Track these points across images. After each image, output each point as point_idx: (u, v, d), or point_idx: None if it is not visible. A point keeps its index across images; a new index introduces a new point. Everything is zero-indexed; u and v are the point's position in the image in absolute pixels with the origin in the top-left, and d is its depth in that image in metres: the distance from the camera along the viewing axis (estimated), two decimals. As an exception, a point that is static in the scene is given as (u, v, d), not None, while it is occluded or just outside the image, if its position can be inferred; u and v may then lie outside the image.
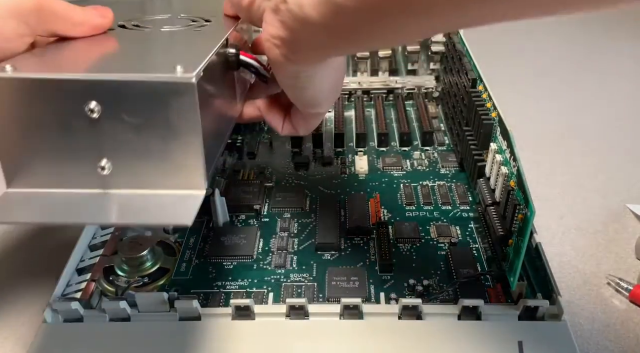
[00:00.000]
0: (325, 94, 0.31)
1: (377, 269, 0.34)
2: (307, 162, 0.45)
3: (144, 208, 0.24)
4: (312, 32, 0.23)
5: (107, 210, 0.24)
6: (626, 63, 0.73)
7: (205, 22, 0.33)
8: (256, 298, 0.32)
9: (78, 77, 0.23)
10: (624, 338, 0.34)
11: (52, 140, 0.24)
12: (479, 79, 0.40)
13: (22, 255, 0.41)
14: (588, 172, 0.50)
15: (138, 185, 0.24)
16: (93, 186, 0.24)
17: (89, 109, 0.23)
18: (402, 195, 0.41)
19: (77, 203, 0.24)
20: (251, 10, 0.27)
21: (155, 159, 0.24)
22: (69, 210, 0.24)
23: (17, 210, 0.23)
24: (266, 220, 0.39)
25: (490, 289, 0.32)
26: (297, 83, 0.29)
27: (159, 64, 0.25)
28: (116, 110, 0.23)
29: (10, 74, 0.23)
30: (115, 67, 0.24)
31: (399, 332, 0.28)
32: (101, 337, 0.28)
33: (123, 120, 0.23)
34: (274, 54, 0.26)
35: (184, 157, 0.24)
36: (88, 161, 0.24)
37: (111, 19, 0.30)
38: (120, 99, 0.23)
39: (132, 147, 0.24)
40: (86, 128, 0.23)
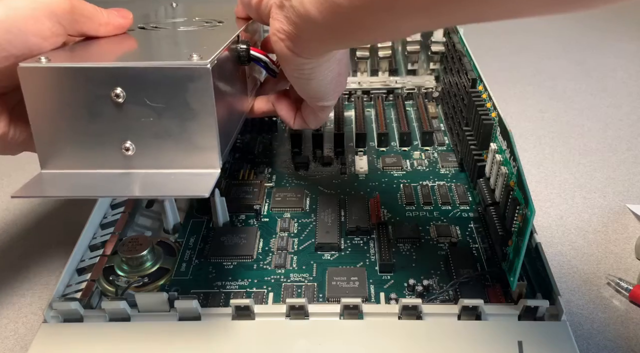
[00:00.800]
0: (329, 86, 0.33)
1: (377, 269, 0.34)
2: (307, 162, 0.45)
3: (164, 183, 0.26)
4: (313, 27, 0.25)
5: (131, 186, 0.26)
6: (626, 63, 0.73)
7: (218, 24, 0.37)
8: (256, 298, 0.32)
9: (105, 65, 0.25)
10: (624, 338, 0.34)
11: (81, 124, 0.26)
12: (478, 79, 0.40)
13: (22, 255, 0.41)
14: (588, 172, 0.50)
15: (159, 165, 0.27)
16: (118, 167, 0.27)
17: (114, 95, 0.25)
18: (402, 195, 0.41)
19: (104, 180, 0.26)
20: (259, 8, 0.30)
21: (175, 140, 0.26)
22: (95, 186, 0.26)
23: (50, 187, 0.26)
24: (266, 220, 0.39)
25: (490, 289, 0.32)
26: (302, 75, 0.31)
27: (177, 53, 0.27)
28: (139, 95, 0.25)
29: (45, 63, 0.25)
30: (137, 57, 0.26)
31: (399, 332, 0.28)
32: (101, 337, 0.28)
33: (145, 104, 0.25)
34: (280, 46, 0.28)
35: (201, 138, 0.26)
36: (114, 143, 0.26)
37: (131, 19, 0.33)
38: (143, 85, 0.25)
39: (154, 129, 0.26)
40: (112, 112, 0.26)
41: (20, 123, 0.30)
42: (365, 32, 0.25)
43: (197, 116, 0.26)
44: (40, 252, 0.41)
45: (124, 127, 0.26)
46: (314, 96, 0.34)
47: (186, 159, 0.27)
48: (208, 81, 0.25)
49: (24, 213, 0.46)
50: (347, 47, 0.35)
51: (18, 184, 0.34)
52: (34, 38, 0.27)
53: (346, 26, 0.24)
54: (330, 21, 0.24)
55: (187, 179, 0.26)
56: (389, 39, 0.46)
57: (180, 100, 0.25)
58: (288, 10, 0.26)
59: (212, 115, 0.26)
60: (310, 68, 0.30)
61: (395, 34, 0.26)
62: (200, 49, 0.27)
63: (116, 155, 0.26)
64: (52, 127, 0.26)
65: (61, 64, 0.25)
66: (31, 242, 0.42)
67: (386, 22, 0.23)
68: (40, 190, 0.26)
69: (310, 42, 0.27)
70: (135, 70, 0.25)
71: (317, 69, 0.30)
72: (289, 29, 0.27)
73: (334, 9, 0.23)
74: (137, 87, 0.25)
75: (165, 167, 0.27)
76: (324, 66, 0.30)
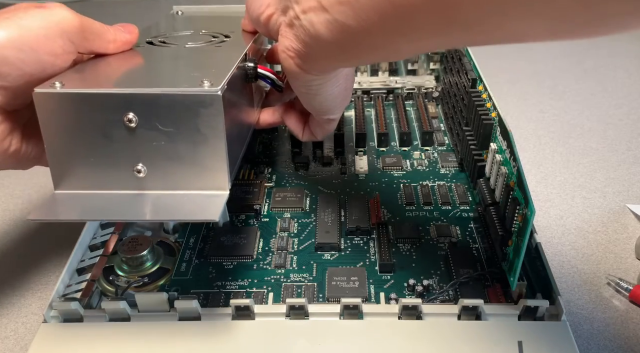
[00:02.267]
0: (335, 101, 0.34)
1: (377, 269, 0.34)
2: (307, 162, 0.45)
3: (175, 206, 0.26)
4: (322, 46, 0.26)
5: (142, 209, 0.27)
6: (626, 63, 0.73)
7: (225, 38, 0.37)
8: (256, 298, 0.32)
9: (118, 91, 0.26)
10: (624, 338, 0.34)
11: (94, 147, 0.27)
12: (478, 79, 0.40)
13: (22, 255, 0.41)
14: (588, 172, 0.50)
15: (170, 186, 0.27)
16: (130, 188, 0.27)
17: (127, 119, 0.26)
18: (402, 195, 0.41)
19: (116, 202, 0.27)
20: (268, 25, 0.30)
21: (185, 162, 0.27)
22: (108, 209, 0.27)
23: (64, 209, 0.26)
24: (266, 220, 0.39)
25: (490, 289, 0.32)
26: (310, 90, 0.31)
27: (188, 78, 0.27)
28: (151, 120, 0.26)
29: (59, 89, 0.26)
30: (149, 82, 0.27)
31: (399, 332, 0.28)
32: (101, 337, 0.28)
33: (157, 128, 0.26)
34: (289, 63, 0.29)
35: (210, 161, 0.27)
36: (126, 165, 0.27)
37: (137, 34, 0.33)
38: (155, 110, 0.26)
39: (165, 153, 0.27)
40: (124, 136, 0.26)
41: (32, 139, 0.30)
42: (374, 52, 0.26)
43: (207, 140, 0.27)
44: (40, 252, 0.41)
45: (136, 150, 0.27)
46: (321, 110, 0.35)
47: (196, 181, 0.27)
48: (219, 107, 0.26)
49: (24, 214, 0.46)
50: (356, 66, 0.35)
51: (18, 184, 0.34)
52: (46, 56, 0.27)
53: (355, 46, 0.25)
54: (340, 41, 0.24)
55: (197, 201, 0.27)
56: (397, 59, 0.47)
57: (190, 125, 0.26)
58: (298, 29, 0.26)
59: (221, 139, 0.27)
60: (318, 84, 0.31)
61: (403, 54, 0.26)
62: (210, 73, 0.27)
63: (128, 177, 0.27)
64: (66, 150, 0.27)
65: (75, 90, 0.26)
66: (31, 242, 0.42)
67: (395, 43, 0.23)
68: (55, 213, 0.26)
69: (319, 60, 0.28)
70: (147, 96, 0.26)
71: (324, 85, 0.31)
72: (298, 47, 0.27)
73: (343, 30, 0.23)
74: (149, 112, 0.26)
75: (176, 188, 0.28)
76: (332, 82, 0.31)
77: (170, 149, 0.27)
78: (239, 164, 0.32)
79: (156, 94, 0.26)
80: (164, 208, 0.27)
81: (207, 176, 0.27)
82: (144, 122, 0.26)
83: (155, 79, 0.28)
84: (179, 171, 0.27)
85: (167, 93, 0.26)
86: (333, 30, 0.24)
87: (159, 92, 0.26)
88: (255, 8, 0.31)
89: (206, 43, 0.36)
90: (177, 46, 0.35)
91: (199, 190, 0.27)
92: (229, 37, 0.37)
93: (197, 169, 0.27)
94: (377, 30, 0.23)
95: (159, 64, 0.32)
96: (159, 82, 0.27)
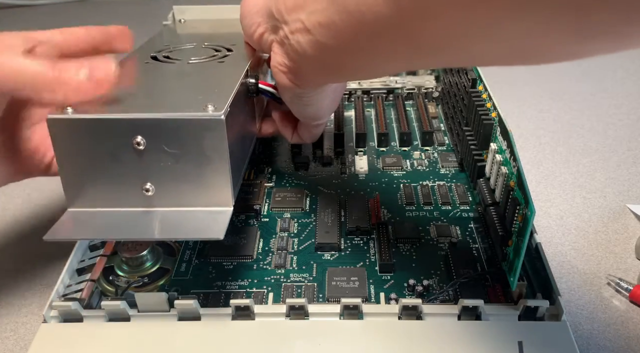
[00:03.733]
0: (325, 110, 0.37)
1: (377, 269, 0.34)
2: (307, 162, 0.45)
3: (181, 224, 0.28)
4: (309, 63, 0.28)
5: (151, 227, 0.28)
6: (626, 63, 0.73)
7: (227, 52, 0.38)
8: (256, 298, 0.32)
9: (127, 117, 0.27)
10: (624, 338, 0.34)
11: (105, 168, 0.28)
12: (479, 79, 0.40)
13: (22, 255, 0.41)
14: (588, 172, 0.50)
15: (177, 204, 0.29)
16: (139, 205, 0.29)
17: (136, 142, 0.27)
18: (402, 195, 0.41)
19: (126, 220, 0.28)
20: (261, 42, 0.32)
21: (191, 181, 0.28)
22: (119, 227, 0.28)
23: (76, 228, 0.28)
24: (266, 220, 0.39)
25: (490, 289, 0.32)
26: (301, 102, 0.33)
27: (193, 101, 0.28)
28: (158, 142, 0.27)
29: (71, 115, 0.27)
30: (156, 106, 0.28)
31: (399, 332, 0.28)
32: (101, 337, 0.28)
33: (164, 150, 0.27)
34: (281, 78, 0.31)
35: (215, 180, 0.28)
36: (135, 185, 0.28)
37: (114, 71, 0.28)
38: (162, 134, 0.27)
39: (171, 172, 0.28)
40: (133, 157, 0.28)
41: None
42: (357, 70, 0.28)
43: (211, 160, 0.28)
44: (40, 252, 0.41)
45: (145, 170, 0.28)
46: (310, 118, 0.37)
47: (201, 198, 0.29)
48: (222, 130, 0.27)
49: (24, 213, 0.46)
50: (344, 81, 0.38)
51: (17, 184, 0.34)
52: None
53: (338, 65, 0.27)
54: (324, 60, 0.27)
55: (202, 218, 0.28)
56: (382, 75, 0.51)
57: (195, 147, 0.28)
58: (287, 47, 0.28)
59: (225, 159, 0.28)
60: (308, 97, 0.33)
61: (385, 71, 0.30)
62: (213, 95, 0.29)
63: (137, 195, 0.28)
64: (78, 170, 0.28)
65: (85, 115, 0.27)
66: (31, 242, 0.42)
67: (373, 63, 0.25)
68: (70, 232, 0.28)
69: (308, 76, 0.30)
70: (154, 121, 0.27)
71: (315, 97, 0.33)
72: (289, 64, 0.29)
73: (325, 50, 0.25)
74: (156, 136, 0.27)
75: (182, 205, 0.29)
76: (322, 95, 0.33)
77: (176, 169, 0.28)
78: (243, 174, 0.34)
79: (163, 118, 0.27)
80: (172, 227, 0.28)
81: (212, 193, 0.29)
82: (152, 144, 0.27)
83: (162, 102, 0.29)
84: (185, 189, 0.29)
85: (173, 118, 0.27)
86: (317, 50, 0.26)
87: (165, 117, 0.27)
88: (247, 27, 0.33)
89: (209, 58, 0.37)
90: (181, 62, 0.36)
91: (205, 206, 0.29)
92: (231, 51, 0.39)
93: (203, 187, 0.28)
94: (354, 50, 0.25)
95: (165, 84, 0.33)
96: (165, 105, 0.28)
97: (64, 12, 0.98)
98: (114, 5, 1.01)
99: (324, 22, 0.24)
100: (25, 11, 0.99)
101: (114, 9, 0.99)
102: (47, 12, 0.98)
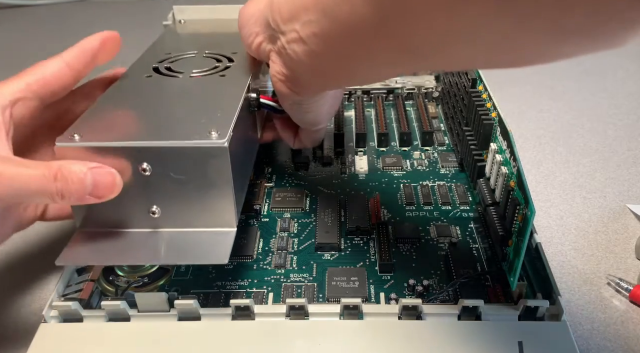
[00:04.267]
0: (324, 115, 0.37)
1: (377, 269, 0.34)
2: (307, 162, 0.45)
3: (187, 247, 0.29)
4: (306, 72, 0.29)
5: (157, 251, 0.29)
6: (626, 63, 0.73)
7: (228, 63, 0.39)
8: (256, 298, 0.32)
9: (132, 145, 0.28)
10: (623, 338, 0.34)
11: None
12: (478, 79, 0.40)
13: (22, 255, 0.41)
14: (588, 172, 0.50)
15: (181, 225, 0.30)
16: (145, 226, 0.30)
17: (142, 169, 0.28)
18: (402, 195, 0.41)
19: (133, 242, 0.29)
20: (259, 51, 0.33)
21: (196, 204, 0.29)
22: (127, 252, 0.29)
23: (86, 253, 0.29)
24: (266, 220, 0.39)
25: (490, 289, 0.32)
26: (300, 109, 0.34)
27: (196, 126, 0.29)
28: (163, 168, 0.28)
29: (78, 142, 0.28)
30: (161, 132, 0.29)
31: (399, 332, 0.28)
32: (101, 337, 0.28)
33: (169, 175, 0.28)
34: (280, 86, 0.31)
35: (219, 202, 0.29)
36: (141, 208, 0.29)
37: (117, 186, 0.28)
38: (167, 160, 0.28)
39: (177, 196, 0.29)
40: (140, 182, 0.28)
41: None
42: (353, 77, 0.29)
43: (215, 185, 0.29)
44: (40, 251, 0.41)
45: (151, 194, 0.29)
46: (309, 124, 0.38)
47: (206, 220, 0.30)
48: (225, 157, 0.28)
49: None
50: (341, 87, 0.39)
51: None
52: None
53: (334, 72, 0.28)
54: (320, 68, 0.28)
55: (207, 240, 0.29)
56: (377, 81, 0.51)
57: (200, 172, 0.28)
58: (285, 57, 0.29)
59: (229, 184, 0.29)
60: (307, 104, 0.33)
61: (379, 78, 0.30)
62: (216, 119, 0.30)
63: (144, 217, 0.29)
64: None
65: (92, 143, 0.28)
66: (31, 242, 0.42)
67: (366, 70, 0.26)
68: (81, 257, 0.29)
69: (306, 84, 0.30)
70: (159, 149, 0.28)
71: (314, 104, 0.34)
72: (287, 72, 0.30)
73: (320, 58, 0.26)
74: (161, 162, 0.28)
75: (187, 227, 0.30)
76: (321, 102, 0.34)
77: (181, 192, 0.29)
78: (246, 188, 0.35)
79: (168, 146, 0.28)
80: (177, 251, 0.29)
81: (216, 215, 0.30)
82: (157, 170, 0.28)
83: (166, 127, 0.30)
84: (190, 211, 0.29)
85: (178, 146, 0.28)
86: (313, 59, 0.27)
87: (170, 144, 0.28)
88: (246, 37, 0.33)
89: (211, 70, 0.37)
90: (183, 75, 0.37)
91: (209, 227, 0.30)
92: (232, 61, 0.39)
93: (207, 209, 0.29)
94: (349, 58, 0.25)
95: (168, 105, 0.33)
96: (169, 131, 0.29)
97: (64, 12, 0.98)
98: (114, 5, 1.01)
99: (318, 33, 0.25)
100: (25, 11, 0.99)
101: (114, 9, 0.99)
102: (47, 12, 0.98)
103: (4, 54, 0.80)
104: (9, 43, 0.85)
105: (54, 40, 0.85)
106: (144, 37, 0.42)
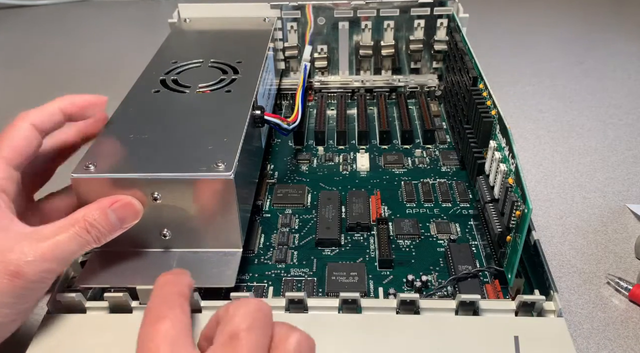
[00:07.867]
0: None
1: (376, 265, 0.34)
2: (309, 159, 0.45)
3: (196, 269, 0.30)
4: None
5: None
6: (626, 63, 0.73)
7: (234, 75, 0.40)
8: (256, 292, 0.32)
9: (145, 176, 0.29)
10: (623, 337, 0.34)
11: None
12: (479, 77, 0.40)
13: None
14: (588, 172, 0.50)
15: (191, 246, 0.32)
16: (157, 247, 0.32)
17: (152, 197, 0.30)
18: (403, 192, 0.41)
19: (146, 263, 0.31)
20: None
21: (204, 228, 0.31)
22: (141, 273, 0.30)
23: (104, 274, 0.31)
24: (268, 215, 0.39)
25: (488, 285, 0.32)
26: None
27: (204, 156, 0.31)
28: (173, 196, 0.30)
29: (93, 173, 0.30)
30: (171, 163, 0.30)
31: (397, 326, 0.28)
32: (103, 328, 0.28)
33: (178, 203, 0.30)
34: None
35: (225, 226, 0.31)
36: (153, 231, 0.31)
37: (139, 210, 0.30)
38: (176, 189, 0.30)
39: (186, 220, 0.31)
40: (151, 208, 0.30)
41: None
42: None
43: (221, 211, 0.30)
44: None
45: (161, 219, 0.31)
46: None
47: (214, 241, 0.32)
48: (231, 187, 0.30)
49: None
50: None
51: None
52: None
53: None
54: None
55: (215, 261, 0.31)
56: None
57: (207, 200, 0.30)
58: None
59: (234, 210, 0.30)
60: None
61: None
62: (222, 147, 0.31)
63: (156, 239, 0.31)
64: None
65: (107, 175, 0.30)
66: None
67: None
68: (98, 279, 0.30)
69: None
70: (169, 179, 0.29)
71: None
72: None
73: None
74: (171, 191, 0.30)
75: (196, 247, 0.32)
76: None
77: (190, 218, 0.31)
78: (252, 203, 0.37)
79: (177, 178, 0.29)
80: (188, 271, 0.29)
81: (224, 237, 0.31)
82: (168, 198, 0.30)
83: (176, 156, 0.31)
84: (198, 234, 0.31)
85: (186, 178, 0.29)
86: None
87: (179, 177, 0.29)
88: None
89: (216, 84, 0.39)
90: (190, 90, 0.38)
91: (217, 248, 0.32)
92: (238, 72, 0.40)
93: (214, 232, 0.31)
94: None
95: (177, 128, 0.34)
96: (179, 162, 0.31)
97: (64, 12, 0.98)
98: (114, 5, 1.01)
99: None
100: (25, 11, 0.99)
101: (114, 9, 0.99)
102: (47, 12, 0.98)
103: (4, 54, 0.81)
104: (9, 43, 0.85)
105: (54, 40, 0.85)
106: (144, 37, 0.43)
